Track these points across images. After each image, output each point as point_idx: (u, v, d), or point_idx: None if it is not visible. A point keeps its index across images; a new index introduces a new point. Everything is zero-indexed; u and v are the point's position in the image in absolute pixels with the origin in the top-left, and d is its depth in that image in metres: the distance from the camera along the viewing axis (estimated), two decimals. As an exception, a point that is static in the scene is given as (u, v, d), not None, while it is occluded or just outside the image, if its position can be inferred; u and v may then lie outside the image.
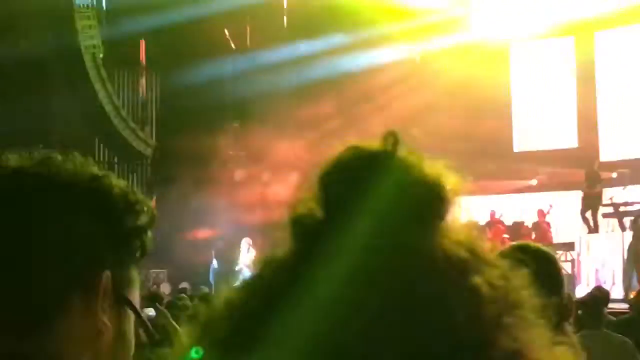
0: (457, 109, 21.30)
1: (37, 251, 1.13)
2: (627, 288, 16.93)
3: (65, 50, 22.51)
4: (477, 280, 0.73)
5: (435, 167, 0.76)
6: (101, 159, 23.23)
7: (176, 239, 20.41)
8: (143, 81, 24.78)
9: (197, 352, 0.77)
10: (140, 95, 24.72)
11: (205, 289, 16.46)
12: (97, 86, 22.88)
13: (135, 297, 1.20)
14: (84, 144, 20.86)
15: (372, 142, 0.76)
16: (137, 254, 1.21)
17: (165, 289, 18.78)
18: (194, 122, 22.93)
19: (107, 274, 1.15)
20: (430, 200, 0.75)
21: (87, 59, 22.73)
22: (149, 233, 1.21)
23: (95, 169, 1.21)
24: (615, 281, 18.63)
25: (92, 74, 22.78)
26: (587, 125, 23.55)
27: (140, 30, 23.87)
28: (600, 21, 23.47)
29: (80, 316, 1.13)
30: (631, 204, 20.73)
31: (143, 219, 1.20)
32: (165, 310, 7.63)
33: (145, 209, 1.21)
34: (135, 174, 24.35)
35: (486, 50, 23.48)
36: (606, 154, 23.22)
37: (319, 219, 0.76)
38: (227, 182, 24.35)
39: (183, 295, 12.78)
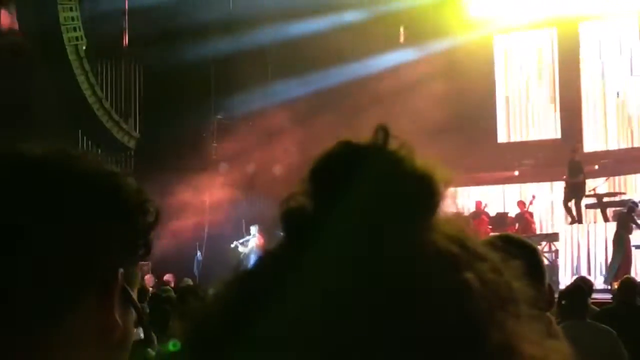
0: (441, 101, 21.33)
1: (56, 246, 1.12)
2: (611, 278, 17.03)
3: (48, 42, 22.41)
4: (468, 275, 0.72)
5: (427, 161, 0.76)
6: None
7: (160, 230, 20.38)
8: (126, 72, 24.69)
9: (174, 345, 0.77)
10: (124, 86, 24.63)
11: (189, 281, 16.47)
12: (81, 78, 22.80)
13: (135, 295, 1.21)
14: (67, 137, 20.78)
15: (364, 136, 0.76)
16: (141, 253, 1.21)
17: (149, 280, 18.75)
18: (177, 113, 22.89)
19: (121, 271, 1.16)
20: (422, 194, 0.74)
21: (70, 50, 22.65)
22: (153, 233, 1.23)
23: (111, 166, 1.22)
24: (598, 272, 18.75)
25: (75, 65, 22.70)
26: (571, 116, 23.66)
27: (123, 19, 23.83)
28: (585, 12, 23.56)
29: (92, 313, 1.14)
30: (614, 194, 20.86)
31: (150, 218, 1.21)
32: (150, 328, 7.69)
33: (153, 209, 1.22)
34: (118, 166, 24.26)
35: (470, 42, 23.50)
36: (590, 145, 23.35)
37: (309, 214, 0.76)
38: (212, 174, 24.32)
39: (167, 287, 12.77)
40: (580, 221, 20.48)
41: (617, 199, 20.36)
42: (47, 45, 22.45)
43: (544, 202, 22.63)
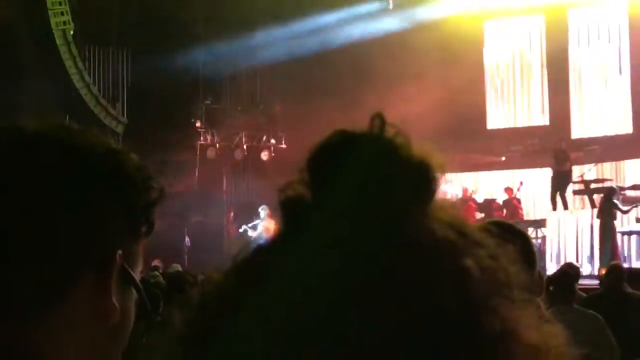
0: (430, 87, 21.30)
1: (54, 223, 1.07)
2: (603, 266, 17.04)
3: (35, 27, 22.29)
4: (466, 262, 0.72)
5: (423, 148, 0.76)
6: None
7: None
8: (114, 57, 24.59)
9: None
10: (111, 71, 24.54)
11: (178, 267, 16.43)
12: (68, 63, 22.69)
13: (138, 275, 1.17)
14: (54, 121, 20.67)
15: (360, 125, 0.76)
16: (144, 230, 1.17)
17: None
18: (165, 99, 22.83)
19: (119, 252, 1.12)
20: (419, 182, 0.75)
21: (58, 35, 22.53)
22: (155, 210, 1.18)
23: (112, 142, 1.18)
24: (585, 258, 18.79)
25: (63, 50, 22.58)
26: (559, 103, 23.69)
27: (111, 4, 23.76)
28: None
29: (89, 296, 1.09)
30: (602, 180, 20.90)
31: (154, 195, 1.17)
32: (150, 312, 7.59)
33: (156, 186, 1.18)
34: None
35: (460, 27, 23.45)
36: (577, 132, 23.41)
37: (306, 202, 0.76)
38: (200, 159, 24.30)
39: (155, 272, 12.74)
40: (566, 207, 20.52)
41: (604, 185, 20.40)
42: (34, 30, 22.33)
43: (532, 188, 22.67)
